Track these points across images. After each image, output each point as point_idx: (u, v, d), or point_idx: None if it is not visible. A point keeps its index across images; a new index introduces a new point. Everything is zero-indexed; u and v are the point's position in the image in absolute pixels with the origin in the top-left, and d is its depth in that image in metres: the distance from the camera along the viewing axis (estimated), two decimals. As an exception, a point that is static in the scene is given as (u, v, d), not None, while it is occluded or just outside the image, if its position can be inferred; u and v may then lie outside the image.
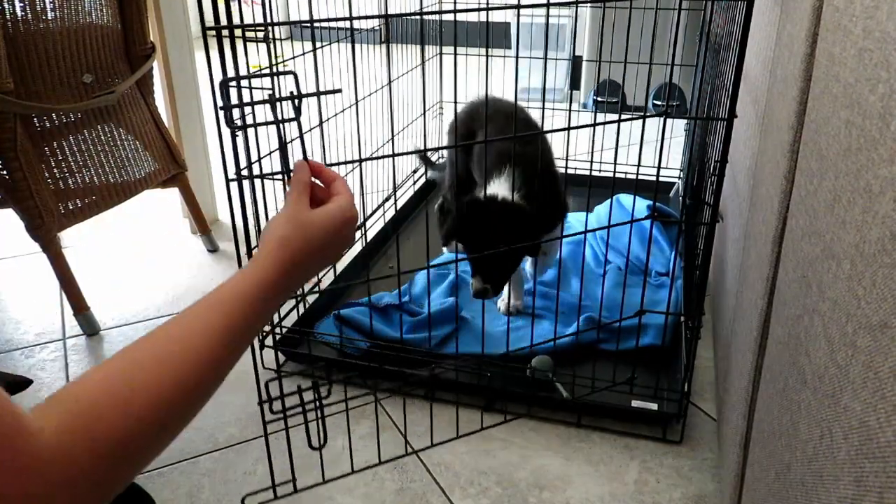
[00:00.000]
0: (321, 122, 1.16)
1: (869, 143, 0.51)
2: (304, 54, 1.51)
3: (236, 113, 0.88)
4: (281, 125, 0.78)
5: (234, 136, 0.92)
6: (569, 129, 1.01)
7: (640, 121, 0.89)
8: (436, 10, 2.02)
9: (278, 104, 0.79)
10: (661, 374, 1.29)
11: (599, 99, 2.88)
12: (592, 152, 1.24)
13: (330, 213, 0.69)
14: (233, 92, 0.86)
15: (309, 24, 1.02)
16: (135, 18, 1.69)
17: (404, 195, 2.14)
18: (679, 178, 2.17)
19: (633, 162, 1.03)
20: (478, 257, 1.35)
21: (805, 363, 0.62)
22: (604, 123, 0.96)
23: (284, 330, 1.46)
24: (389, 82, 1.63)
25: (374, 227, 1.90)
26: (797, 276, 0.68)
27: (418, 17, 1.61)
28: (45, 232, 1.52)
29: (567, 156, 1.21)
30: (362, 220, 1.86)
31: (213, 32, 0.88)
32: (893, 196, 0.45)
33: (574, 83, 3.37)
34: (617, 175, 1.22)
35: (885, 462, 0.42)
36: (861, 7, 0.56)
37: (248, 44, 1.24)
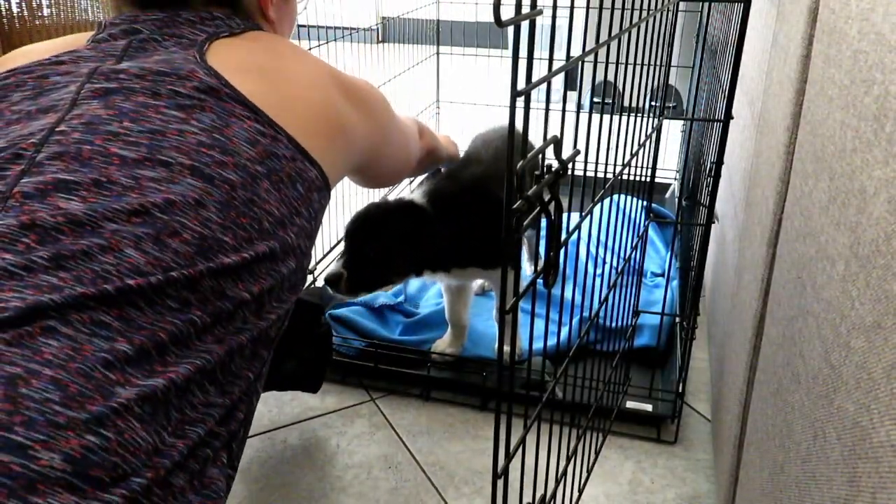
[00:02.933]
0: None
1: (864, 145, 0.51)
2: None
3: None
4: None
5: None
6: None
7: (638, 122, 0.89)
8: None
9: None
10: (655, 375, 1.29)
11: (596, 100, 2.89)
12: (587, 153, 1.23)
13: None
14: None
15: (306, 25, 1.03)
16: (131, 16, 1.69)
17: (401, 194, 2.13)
18: (675, 179, 2.17)
19: (632, 163, 1.04)
20: (351, 238, 1.21)
21: (799, 364, 0.62)
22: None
23: (280, 329, 1.46)
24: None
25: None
26: (792, 277, 0.69)
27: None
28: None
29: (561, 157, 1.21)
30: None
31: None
32: (888, 197, 0.45)
33: (570, 84, 3.38)
34: (613, 176, 1.21)
35: (878, 462, 0.42)
36: (857, 9, 0.56)
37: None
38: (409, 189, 1.37)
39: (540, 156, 0.52)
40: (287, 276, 0.70)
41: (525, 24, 0.42)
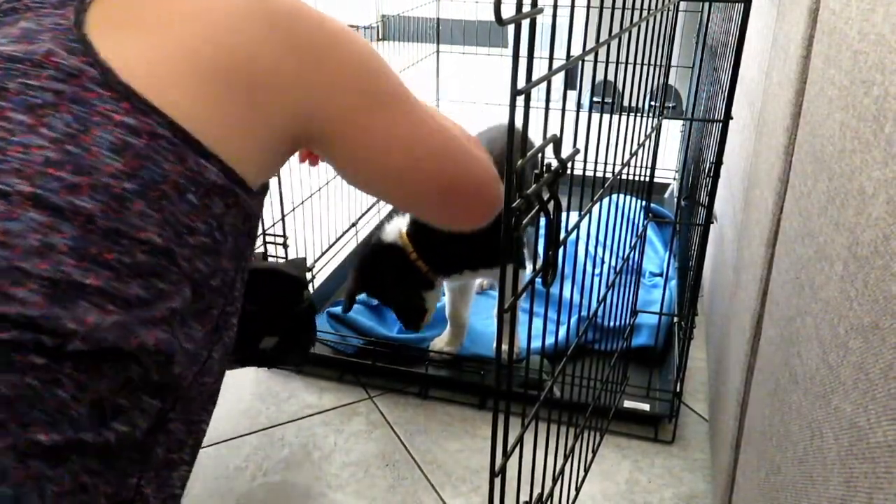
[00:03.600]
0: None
1: (863, 146, 0.51)
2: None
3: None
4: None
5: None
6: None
7: (637, 122, 0.89)
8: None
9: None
10: (653, 375, 1.29)
11: (595, 99, 2.89)
12: (587, 152, 1.24)
13: None
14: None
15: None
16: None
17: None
18: (674, 179, 2.17)
19: (631, 163, 1.04)
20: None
21: (797, 364, 0.62)
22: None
23: (278, 326, 1.46)
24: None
25: (370, 224, 1.90)
26: (790, 277, 0.69)
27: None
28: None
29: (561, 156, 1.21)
30: (356, 218, 1.86)
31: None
32: (886, 198, 0.45)
33: (570, 83, 3.38)
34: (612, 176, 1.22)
35: (875, 463, 0.42)
36: (857, 10, 0.56)
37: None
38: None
39: (539, 154, 0.52)
40: (180, 310, 0.57)
41: (525, 23, 0.42)
